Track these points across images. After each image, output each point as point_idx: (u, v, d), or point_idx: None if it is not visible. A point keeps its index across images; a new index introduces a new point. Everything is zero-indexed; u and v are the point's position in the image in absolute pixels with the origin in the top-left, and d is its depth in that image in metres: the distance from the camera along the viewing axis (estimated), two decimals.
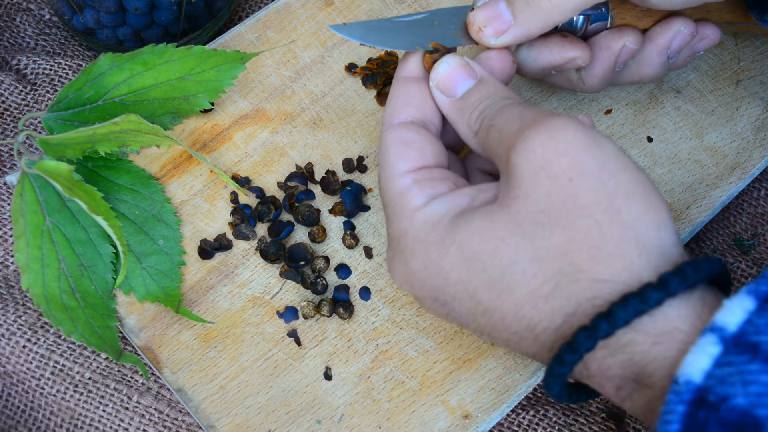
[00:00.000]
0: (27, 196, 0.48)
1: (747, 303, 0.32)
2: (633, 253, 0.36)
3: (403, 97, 0.43)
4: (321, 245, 0.50)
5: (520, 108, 0.40)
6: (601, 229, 0.36)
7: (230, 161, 0.52)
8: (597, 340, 0.35)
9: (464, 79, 0.42)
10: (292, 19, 0.57)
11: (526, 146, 0.37)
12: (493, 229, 0.38)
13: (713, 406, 0.31)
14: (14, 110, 0.56)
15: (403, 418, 0.46)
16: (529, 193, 0.37)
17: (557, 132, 0.37)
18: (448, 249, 0.38)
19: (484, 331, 0.40)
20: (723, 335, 0.32)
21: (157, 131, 0.47)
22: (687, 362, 0.32)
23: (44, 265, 0.47)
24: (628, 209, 0.36)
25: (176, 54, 0.51)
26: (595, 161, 0.36)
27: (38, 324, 0.49)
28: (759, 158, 0.53)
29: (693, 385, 0.32)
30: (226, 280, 0.49)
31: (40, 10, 0.61)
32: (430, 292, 0.40)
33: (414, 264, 0.40)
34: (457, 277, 0.39)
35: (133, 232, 0.49)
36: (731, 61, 0.56)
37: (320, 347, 0.47)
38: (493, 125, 0.40)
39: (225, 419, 0.45)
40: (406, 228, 0.40)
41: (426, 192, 0.40)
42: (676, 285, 0.34)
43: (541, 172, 0.37)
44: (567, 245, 0.36)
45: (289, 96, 0.54)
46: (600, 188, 0.36)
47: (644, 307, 0.34)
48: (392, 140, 0.42)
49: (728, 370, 0.31)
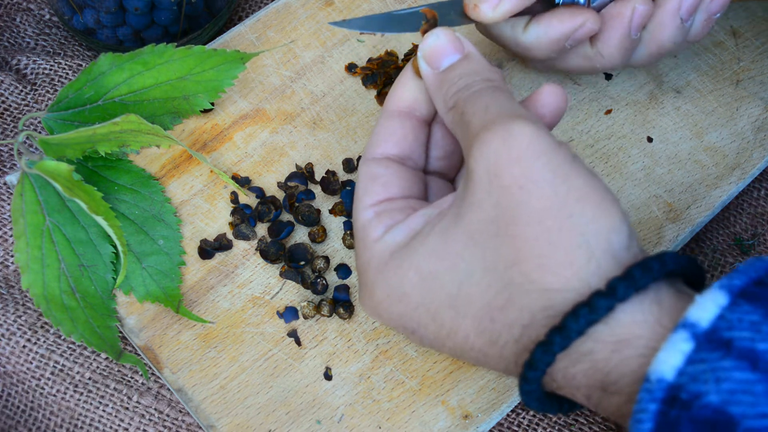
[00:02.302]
0: (27, 196, 0.48)
1: (719, 298, 0.32)
2: (582, 259, 0.35)
3: (382, 133, 0.43)
4: (321, 245, 0.50)
5: (488, 100, 0.38)
6: (550, 237, 0.35)
7: (230, 161, 0.52)
8: (554, 354, 0.34)
9: (450, 53, 0.41)
10: (292, 19, 0.57)
11: (482, 151, 0.36)
12: (447, 245, 0.37)
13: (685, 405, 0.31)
14: (14, 110, 0.56)
15: (403, 418, 0.46)
16: (482, 202, 0.36)
17: (512, 138, 0.36)
18: (406, 273, 0.38)
19: (455, 353, 0.40)
20: (695, 331, 0.31)
21: (157, 131, 0.47)
22: (659, 359, 0.31)
23: (44, 265, 0.47)
24: (580, 212, 0.35)
25: (176, 54, 0.51)
26: (548, 168, 0.36)
27: (38, 324, 0.49)
28: (759, 158, 0.53)
29: (665, 383, 0.31)
30: (226, 280, 0.49)
31: (40, 10, 0.61)
32: (398, 321, 0.40)
33: (377, 294, 0.40)
34: (418, 300, 0.38)
35: (133, 232, 0.49)
36: (731, 61, 0.56)
37: (320, 347, 0.47)
38: (464, 113, 0.39)
39: (225, 419, 0.45)
40: (368, 260, 0.40)
41: (384, 223, 0.40)
42: (624, 290, 0.34)
43: (494, 180, 0.36)
44: (516, 255, 0.35)
45: (289, 96, 0.54)
46: (551, 194, 0.35)
47: (594, 317, 0.34)
48: (362, 174, 0.42)
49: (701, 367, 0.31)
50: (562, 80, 0.55)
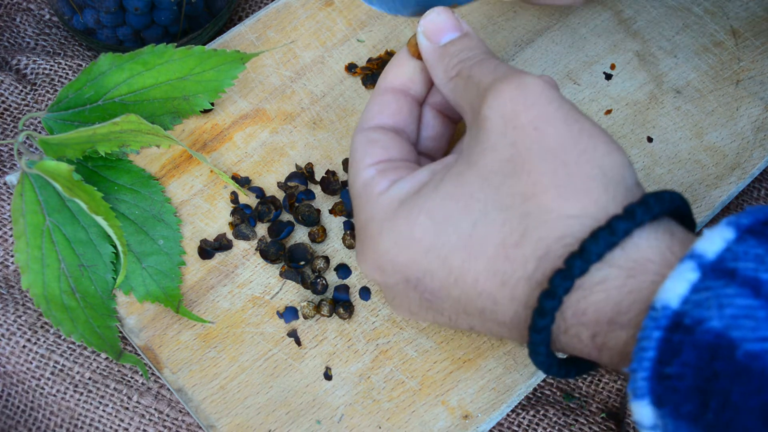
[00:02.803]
0: (27, 196, 0.48)
1: (727, 233, 0.33)
2: (599, 188, 0.36)
3: (377, 106, 0.44)
4: (321, 245, 0.50)
5: (496, 62, 0.41)
6: (567, 168, 0.36)
7: (230, 161, 0.52)
8: (573, 279, 0.35)
9: (450, 30, 0.43)
10: (292, 19, 0.57)
11: (498, 99, 0.38)
12: (461, 187, 0.38)
13: (688, 329, 0.31)
14: (14, 110, 0.56)
15: (403, 418, 0.46)
16: (496, 144, 0.38)
17: (526, 87, 0.38)
18: (417, 218, 0.39)
19: (458, 306, 0.39)
20: (701, 262, 0.32)
21: (157, 131, 0.47)
22: (665, 288, 0.32)
23: (44, 265, 0.47)
24: (594, 148, 0.37)
25: (176, 54, 0.51)
26: (560, 111, 0.38)
27: (38, 324, 0.49)
28: (759, 158, 0.53)
29: (670, 310, 0.32)
30: (226, 280, 0.49)
31: (40, 10, 0.61)
32: (402, 272, 0.40)
33: (383, 244, 0.40)
34: (429, 244, 0.39)
35: (133, 232, 0.49)
36: (731, 61, 0.56)
37: (320, 347, 0.47)
38: (471, 76, 0.41)
39: (225, 419, 0.45)
40: (372, 213, 0.41)
41: (388, 177, 0.41)
42: (641, 214, 0.35)
43: (509, 123, 0.38)
44: (534, 188, 0.37)
45: (289, 96, 0.54)
46: (565, 132, 0.37)
47: (614, 239, 0.35)
48: (360, 140, 0.43)
49: (705, 295, 0.31)
50: (563, 80, 0.55)
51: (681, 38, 0.57)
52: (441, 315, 0.41)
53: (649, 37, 0.57)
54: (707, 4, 0.58)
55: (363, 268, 0.42)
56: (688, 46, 0.57)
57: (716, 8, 0.58)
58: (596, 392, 0.49)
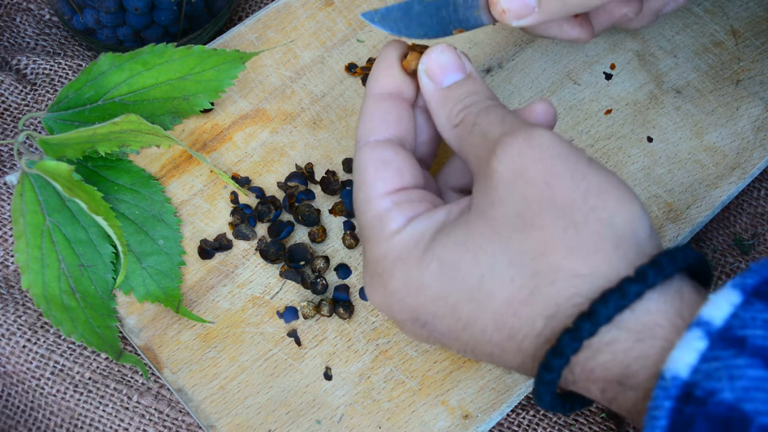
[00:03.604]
0: (27, 196, 0.48)
1: (733, 297, 0.32)
2: (610, 247, 0.36)
3: (379, 113, 0.43)
4: (321, 245, 0.50)
5: (503, 112, 0.40)
6: (577, 228, 0.36)
7: (230, 161, 0.52)
8: (581, 340, 0.35)
9: (454, 71, 0.42)
10: (292, 19, 0.57)
11: (507, 153, 0.37)
12: (471, 238, 0.38)
13: (700, 401, 0.31)
14: (14, 110, 0.56)
15: (403, 418, 0.46)
16: (506, 198, 0.37)
17: (534, 140, 0.37)
18: (429, 265, 0.38)
19: (467, 348, 0.39)
20: (709, 330, 0.32)
21: (157, 131, 0.47)
22: (673, 357, 0.32)
23: (44, 265, 0.47)
24: (602, 206, 0.36)
25: (176, 54, 0.51)
26: (567, 166, 0.37)
27: (38, 324, 0.49)
28: (759, 158, 0.53)
29: (680, 381, 0.31)
30: (226, 280, 0.49)
31: (40, 10, 0.61)
32: (410, 313, 0.40)
33: (393, 284, 0.39)
34: (437, 291, 0.38)
35: (133, 232, 0.49)
36: (731, 61, 0.56)
37: (320, 347, 0.47)
38: (477, 124, 0.40)
39: (225, 419, 0.45)
40: (385, 251, 0.40)
41: (405, 214, 0.40)
42: (653, 276, 0.34)
43: (519, 177, 0.37)
44: (544, 246, 0.36)
45: (289, 96, 0.54)
46: (573, 189, 0.36)
47: (625, 302, 0.34)
48: (370, 159, 0.41)
49: (715, 365, 0.31)
50: (563, 80, 0.55)
51: (681, 38, 0.57)
52: (451, 349, 0.41)
53: (649, 37, 0.57)
54: (707, 4, 0.58)
55: (372, 301, 0.41)
56: (688, 46, 0.57)
57: (716, 8, 0.58)
58: None
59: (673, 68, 0.56)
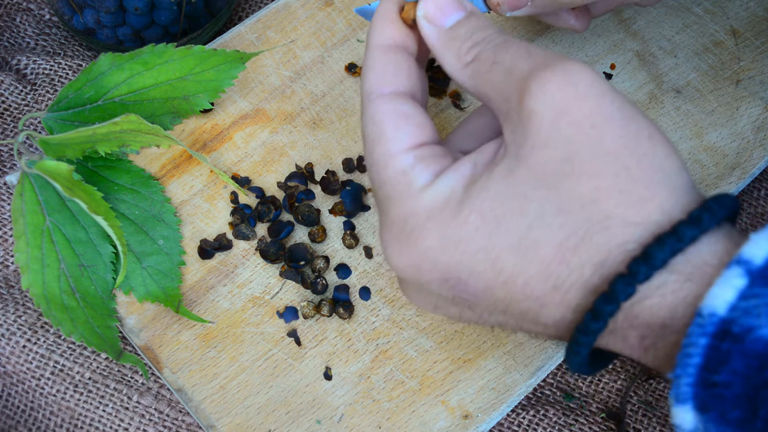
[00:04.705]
0: (27, 196, 0.48)
1: None
2: (663, 193, 0.35)
3: (390, 66, 0.40)
4: (321, 245, 0.50)
5: (526, 44, 0.38)
6: (629, 173, 0.35)
7: (230, 161, 0.52)
8: (636, 285, 0.34)
9: (454, 11, 0.40)
10: (292, 19, 0.57)
11: (544, 90, 0.35)
12: (513, 186, 0.36)
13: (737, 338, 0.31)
14: (14, 110, 0.56)
15: (403, 418, 0.46)
16: (550, 141, 0.35)
17: (575, 76, 0.35)
18: (467, 218, 0.36)
19: (498, 307, 0.38)
20: (749, 268, 0.31)
21: (157, 131, 0.47)
22: (711, 294, 0.31)
23: (44, 265, 0.47)
24: (653, 151, 0.35)
25: (176, 54, 0.51)
26: (615, 105, 0.35)
27: (38, 324, 0.49)
28: (759, 158, 0.53)
29: (717, 317, 0.31)
30: (226, 280, 0.49)
31: (40, 10, 0.61)
32: (442, 273, 0.38)
33: (426, 242, 0.37)
34: (479, 245, 0.36)
35: (133, 232, 0.49)
36: (731, 61, 0.56)
37: (320, 347, 0.47)
38: (497, 61, 0.38)
39: (225, 419, 0.45)
40: (413, 208, 0.38)
41: (430, 169, 0.38)
42: (708, 220, 0.34)
43: (562, 118, 0.35)
44: (595, 193, 0.35)
45: (289, 96, 0.54)
46: (624, 133, 0.35)
47: (681, 245, 0.33)
48: (388, 112, 0.39)
49: (754, 302, 0.31)
50: None
51: (681, 38, 0.57)
52: (471, 312, 0.39)
53: (649, 36, 0.57)
54: (707, 4, 0.58)
55: (394, 263, 0.38)
56: (688, 46, 0.57)
57: (716, 8, 0.58)
58: (596, 392, 0.49)
59: (673, 68, 0.56)
